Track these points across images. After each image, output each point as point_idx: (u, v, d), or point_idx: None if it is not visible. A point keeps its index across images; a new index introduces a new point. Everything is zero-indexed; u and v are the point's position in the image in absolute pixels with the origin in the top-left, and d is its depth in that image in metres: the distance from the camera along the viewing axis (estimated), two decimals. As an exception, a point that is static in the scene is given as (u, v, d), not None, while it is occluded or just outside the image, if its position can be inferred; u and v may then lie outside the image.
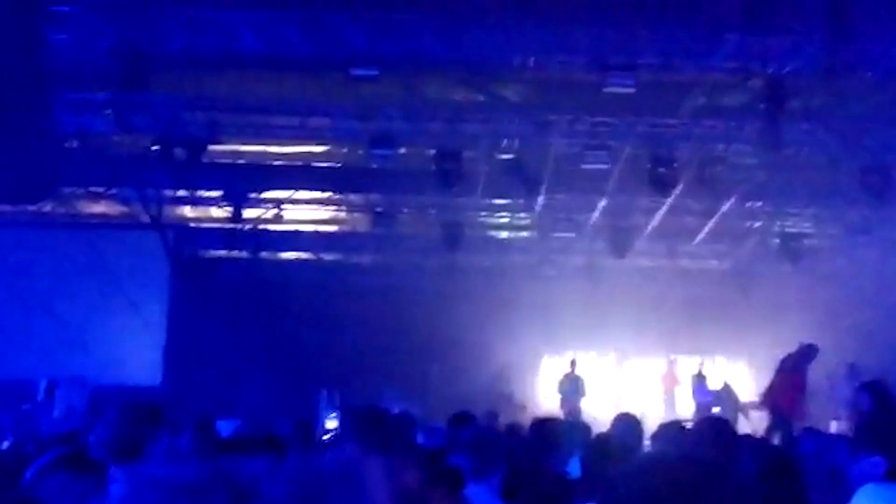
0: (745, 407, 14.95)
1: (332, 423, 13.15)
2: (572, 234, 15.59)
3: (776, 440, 10.59)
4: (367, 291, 17.03)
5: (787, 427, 11.18)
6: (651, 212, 14.80)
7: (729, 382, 16.73)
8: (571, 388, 16.16)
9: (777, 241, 16.19)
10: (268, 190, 15.12)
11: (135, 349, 15.32)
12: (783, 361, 11.92)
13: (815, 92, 10.89)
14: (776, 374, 11.86)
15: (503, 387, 16.71)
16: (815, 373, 14.31)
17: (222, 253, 17.47)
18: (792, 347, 13.72)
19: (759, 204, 15.05)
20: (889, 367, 12.97)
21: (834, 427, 13.48)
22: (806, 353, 11.84)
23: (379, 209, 15.42)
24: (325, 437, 9.91)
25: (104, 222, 15.94)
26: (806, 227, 16.00)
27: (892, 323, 15.28)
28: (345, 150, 13.54)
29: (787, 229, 15.98)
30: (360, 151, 12.98)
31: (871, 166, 12.16)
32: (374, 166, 13.26)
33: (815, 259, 15.99)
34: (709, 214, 15.14)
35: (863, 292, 16.02)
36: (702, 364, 17.62)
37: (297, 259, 17.80)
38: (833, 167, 12.97)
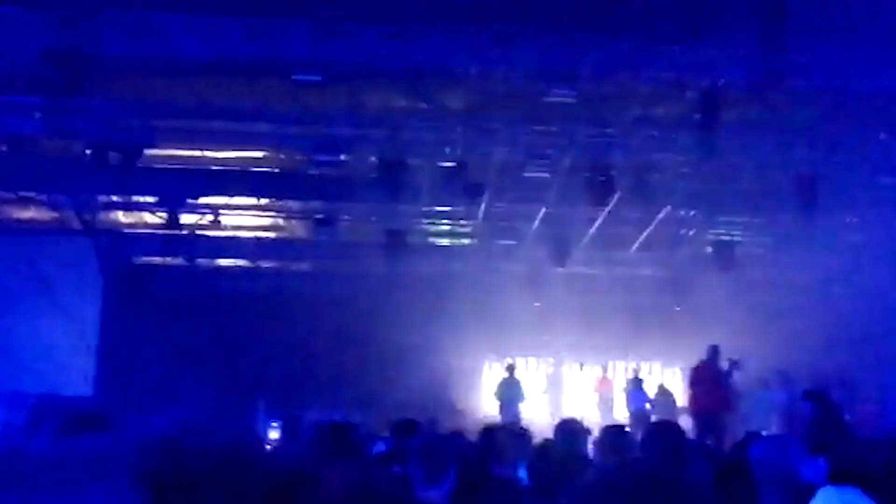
0: (680, 412, 15.24)
1: (273, 434, 13.00)
2: (514, 242, 15.72)
3: (710, 443, 10.84)
4: (306, 299, 16.87)
5: (720, 430, 11.48)
6: (590, 220, 15.01)
7: (665, 387, 17.05)
8: (509, 393, 16.25)
9: (710, 248, 16.57)
10: (205, 195, 14.87)
11: (67, 358, 14.88)
12: (698, 370, 12.24)
13: (749, 103, 11.20)
14: (695, 383, 12.14)
15: (444, 394, 16.73)
16: (747, 377, 14.71)
17: (157, 260, 17.11)
18: (725, 352, 14.10)
19: (693, 212, 15.40)
20: (819, 372, 13.39)
21: (764, 432, 13.84)
22: (714, 356, 12.26)
23: (319, 216, 15.30)
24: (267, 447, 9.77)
25: (35, 228, 15.47)
26: (738, 235, 16.42)
27: (822, 329, 15.77)
28: (284, 157, 13.43)
29: (719, 237, 16.38)
30: (300, 157, 12.88)
31: (802, 176, 12.56)
32: (315, 172, 13.17)
33: (746, 266, 16.40)
34: (645, 223, 15.43)
35: (793, 299, 16.50)
36: (638, 369, 17.92)
37: (234, 266, 17.53)
38: (765, 177, 13.36)
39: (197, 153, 13.28)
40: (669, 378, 18.31)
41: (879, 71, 10.14)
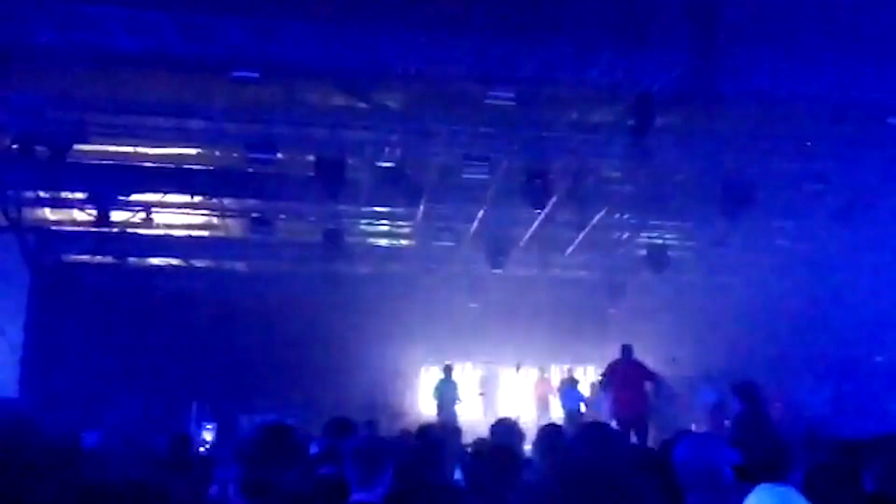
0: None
1: (208, 435, 12.80)
2: (452, 244, 15.75)
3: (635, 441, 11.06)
4: (241, 299, 16.64)
5: (640, 429, 11.71)
6: (527, 223, 15.14)
7: (599, 388, 17.28)
8: (447, 394, 16.30)
9: (643, 252, 16.87)
10: (137, 192, 14.54)
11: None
12: (619, 373, 12.37)
13: (682, 110, 11.44)
14: (622, 385, 12.28)
15: (382, 395, 16.68)
16: (676, 377, 15.05)
17: (86, 258, 16.69)
18: (657, 353, 14.40)
19: (627, 216, 15.67)
20: (744, 371, 13.73)
21: (693, 429, 14.15)
22: (627, 355, 12.46)
23: (255, 215, 15.10)
24: (201, 450, 9.65)
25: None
26: (670, 238, 16.75)
27: (749, 330, 16.22)
28: (219, 154, 13.23)
29: (652, 241, 16.69)
30: (236, 155, 12.70)
31: (731, 182, 12.88)
32: (252, 170, 13.01)
33: (678, 269, 16.74)
34: (580, 226, 15.63)
35: (722, 301, 16.92)
36: (571, 370, 18.14)
37: (167, 265, 17.19)
38: (696, 182, 13.66)
39: (129, 149, 12.98)
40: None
41: (807, 79, 10.47)
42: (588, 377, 18.53)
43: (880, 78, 10.50)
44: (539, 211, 14.19)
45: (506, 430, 5.87)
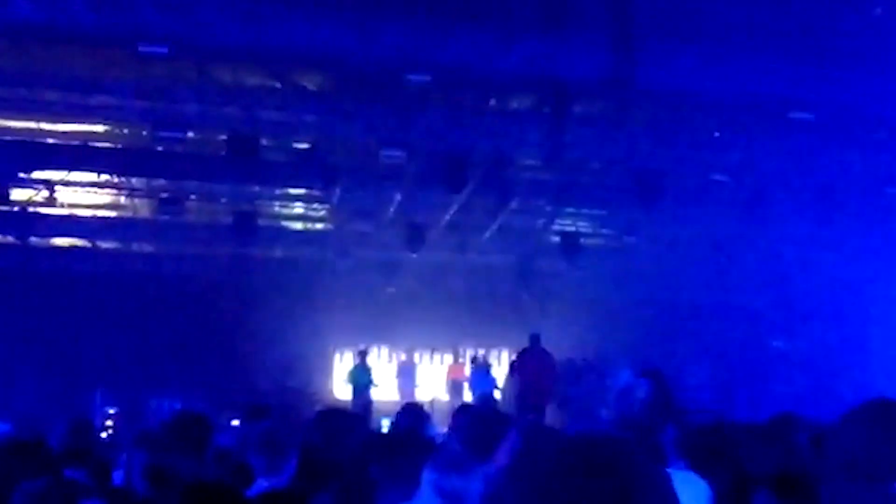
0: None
1: (110, 423, 12.48)
2: (368, 228, 15.65)
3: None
4: (148, 282, 16.18)
5: (542, 416, 11.97)
6: (444, 207, 15.16)
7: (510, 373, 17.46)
8: (361, 378, 16.24)
9: (557, 238, 17.09)
10: (39, 170, 13.98)
11: None
12: (528, 361, 12.56)
13: (598, 100, 11.61)
14: (529, 373, 12.47)
15: (295, 380, 16.51)
16: (586, 361, 15.33)
17: (-16, 238, 16.00)
18: (569, 338, 14.65)
19: (542, 203, 15.84)
20: (654, 356, 14.09)
21: (604, 415, 14.42)
22: (535, 343, 12.68)
23: (164, 195, 14.70)
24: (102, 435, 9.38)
25: None
26: (583, 226, 17.03)
27: (659, 317, 16.64)
28: (127, 131, 12.82)
29: (565, 228, 16.93)
30: (145, 133, 12.33)
31: (644, 172, 13.15)
32: (161, 149, 12.66)
33: (590, 256, 17.02)
34: (496, 212, 15.73)
35: (632, 288, 17.29)
36: (484, 354, 18.29)
37: (70, 246, 16.60)
38: (610, 172, 13.91)
39: (31, 125, 12.49)
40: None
41: (717, 73, 10.76)
42: (502, 362, 18.70)
43: (784, 75, 10.88)
44: (456, 196, 14.22)
45: (411, 414, 5.88)
